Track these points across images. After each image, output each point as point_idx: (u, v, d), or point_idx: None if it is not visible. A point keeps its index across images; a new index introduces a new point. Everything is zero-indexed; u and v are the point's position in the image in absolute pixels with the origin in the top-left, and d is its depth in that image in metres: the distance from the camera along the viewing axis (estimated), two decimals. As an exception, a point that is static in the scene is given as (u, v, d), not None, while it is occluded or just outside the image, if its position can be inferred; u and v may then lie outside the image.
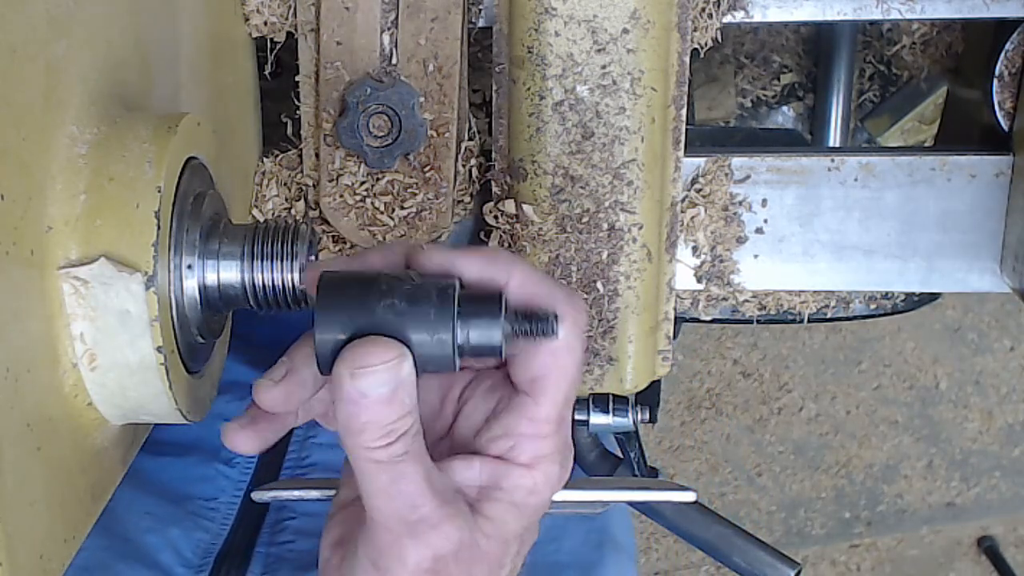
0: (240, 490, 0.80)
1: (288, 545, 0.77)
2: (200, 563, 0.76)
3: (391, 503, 0.46)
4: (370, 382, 0.45)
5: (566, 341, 0.48)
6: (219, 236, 0.52)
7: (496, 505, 0.49)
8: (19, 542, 0.42)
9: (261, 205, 0.75)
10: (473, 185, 0.76)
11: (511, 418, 0.49)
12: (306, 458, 0.82)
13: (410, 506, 0.46)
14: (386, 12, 0.69)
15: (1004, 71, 0.77)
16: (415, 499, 0.46)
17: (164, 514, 0.77)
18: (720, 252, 0.77)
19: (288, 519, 0.78)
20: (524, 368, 0.49)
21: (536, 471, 0.49)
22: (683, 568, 2.17)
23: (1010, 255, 0.75)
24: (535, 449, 0.49)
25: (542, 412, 0.49)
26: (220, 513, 0.79)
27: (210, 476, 0.81)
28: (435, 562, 0.47)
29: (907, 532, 2.18)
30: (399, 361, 0.45)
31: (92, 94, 0.49)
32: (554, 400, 0.49)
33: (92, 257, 0.46)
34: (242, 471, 0.81)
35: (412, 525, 0.46)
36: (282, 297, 0.52)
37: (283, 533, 0.78)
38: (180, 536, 0.77)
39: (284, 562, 0.76)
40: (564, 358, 0.49)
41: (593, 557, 0.84)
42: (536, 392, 0.49)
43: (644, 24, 0.66)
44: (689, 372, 2.10)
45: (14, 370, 0.42)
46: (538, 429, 0.49)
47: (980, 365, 2.11)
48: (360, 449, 0.46)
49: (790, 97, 1.29)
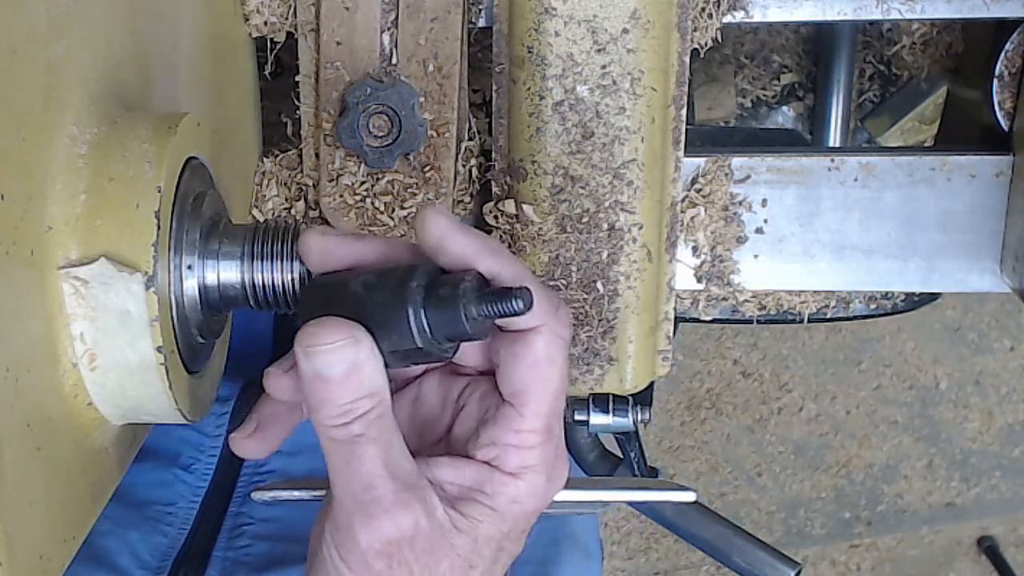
0: (198, 496, 0.81)
1: (246, 549, 0.78)
2: (158, 566, 0.77)
3: (347, 482, 0.47)
4: (323, 361, 0.46)
5: (545, 352, 0.48)
6: (219, 236, 0.52)
7: (474, 506, 0.49)
8: (19, 542, 0.42)
9: (261, 205, 0.75)
10: (473, 185, 0.76)
11: (497, 428, 0.49)
12: (264, 465, 0.83)
13: (363, 486, 0.47)
14: (386, 12, 0.69)
15: (1004, 71, 0.77)
16: (370, 480, 0.47)
17: (122, 518, 0.78)
18: (720, 252, 0.77)
19: (246, 524, 0.79)
20: (507, 380, 0.49)
21: (520, 481, 0.49)
22: (683, 568, 2.17)
23: (1010, 255, 0.75)
24: (520, 459, 0.49)
25: (526, 424, 0.49)
26: (178, 518, 0.80)
27: (168, 481, 0.81)
28: (387, 545, 0.47)
29: (907, 532, 2.18)
30: (352, 342, 0.46)
31: (92, 94, 0.49)
32: (537, 412, 0.49)
33: (92, 257, 0.46)
34: (200, 477, 0.82)
35: (364, 505, 0.47)
36: (282, 297, 0.52)
37: (241, 538, 0.78)
38: (139, 540, 0.77)
39: (241, 565, 0.77)
40: (543, 370, 0.49)
41: (549, 553, 0.84)
42: (519, 403, 0.49)
43: (644, 24, 0.66)
44: (689, 372, 2.10)
45: (14, 370, 0.42)
46: (522, 440, 0.49)
47: (980, 365, 2.11)
48: (319, 426, 0.47)
49: (790, 97, 1.29)
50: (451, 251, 0.48)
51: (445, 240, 0.48)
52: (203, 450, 0.83)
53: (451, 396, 0.53)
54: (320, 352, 0.46)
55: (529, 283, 0.47)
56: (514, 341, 0.49)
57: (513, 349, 0.49)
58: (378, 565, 0.47)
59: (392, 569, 0.48)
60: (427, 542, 0.48)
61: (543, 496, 0.51)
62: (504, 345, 0.49)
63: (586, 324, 0.70)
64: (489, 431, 0.50)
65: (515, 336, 0.49)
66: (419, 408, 0.54)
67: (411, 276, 0.47)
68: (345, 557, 0.48)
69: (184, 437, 0.83)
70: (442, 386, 0.54)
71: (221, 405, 0.85)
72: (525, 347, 0.48)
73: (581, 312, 0.70)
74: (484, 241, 0.48)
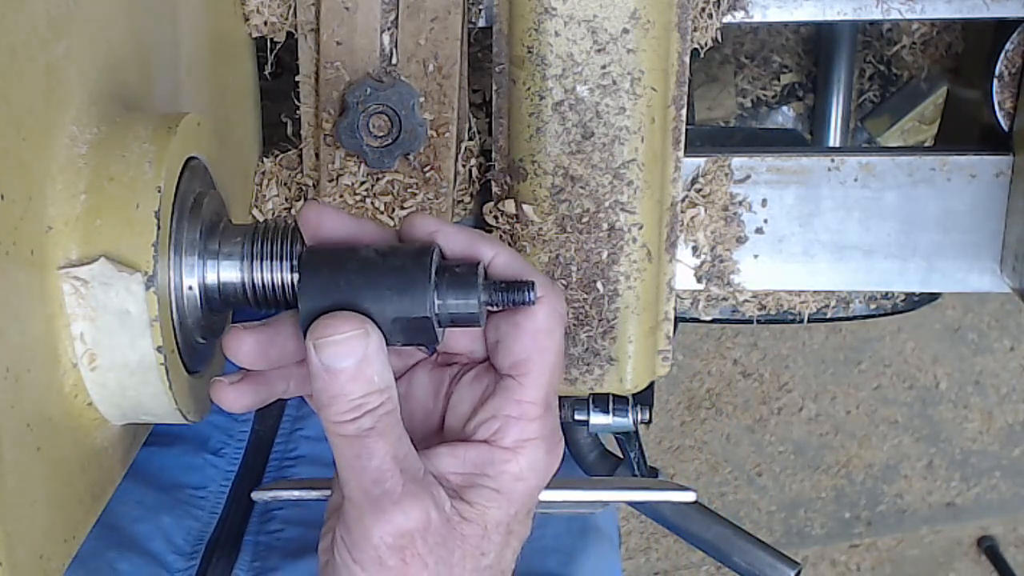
0: (228, 480, 0.81)
1: (277, 534, 0.78)
2: (191, 550, 0.77)
3: (357, 477, 0.47)
4: (333, 353, 0.46)
5: (545, 324, 0.50)
6: (219, 236, 0.52)
7: (480, 491, 0.50)
8: (19, 542, 0.42)
9: (261, 205, 0.75)
10: (473, 185, 0.76)
11: (497, 400, 0.50)
12: (293, 450, 0.83)
13: (373, 481, 0.47)
14: (386, 12, 0.69)
15: (1004, 71, 0.77)
16: (380, 474, 0.47)
17: (154, 503, 0.78)
18: (720, 252, 0.77)
19: (276, 508, 0.79)
20: (507, 353, 0.50)
21: (521, 455, 0.50)
22: (683, 568, 2.17)
23: (1010, 255, 0.75)
24: (520, 431, 0.50)
25: (528, 393, 0.50)
26: (209, 502, 0.80)
27: (198, 466, 0.81)
28: (399, 538, 0.47)
29: (907, 532, 2.18)
30: (363, 334, 0.46)
31: (92, 94, 0.49)
32: (538, 381, 0.50)
33: (92, 257, 0.45)
34: (230, 461, 0.82)
35: (375, 500, 0.47)
36: (282, 297, 0.52)
37: (272, 522, 0.79)
38: (171, 524, 0.78)
39: (273, 550, 0.77)
40: (544, 340, 0.50)
41: (577, 543, 0.85)
42: (520, 373, 0.50)
43: (644, 24, 0.66)
44: (689, 372, 2.10)
45: (14, 370, 0.42)
46: (524, 411, 0.50)
47: (980, 365, 2.11)
48: (328, 422, 0.47)
49: (790, 97, 1.29)
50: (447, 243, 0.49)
51: (439, 235, 0.49)
52: (232, 434, 0.83)
53: (441, 388, 0.54)
54: (330, 343, 0.46)
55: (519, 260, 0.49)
56: (515, 312, 0.50)
57: (515, 320, 0.50)
58: (391, 560, 0.47)
59: (406, 564, 0.48)
60: (438, 534, 0.48)
61: (544, 471, 0.51)
62: (504, 318, 0.50)
63: (586, 324, 0.70)
64: (489, 405, 0.50)
65: (516, 308, 0.50)
66: (410, 404, 0.54)
67: (429, 250, 0.48)
68: (358, 558, 0.48)
69: (213, 421, 0.83)
70: (431, 379, 0.54)
71: None
72: (527, 317, 0.50)
73: (581, 312, 0.70)
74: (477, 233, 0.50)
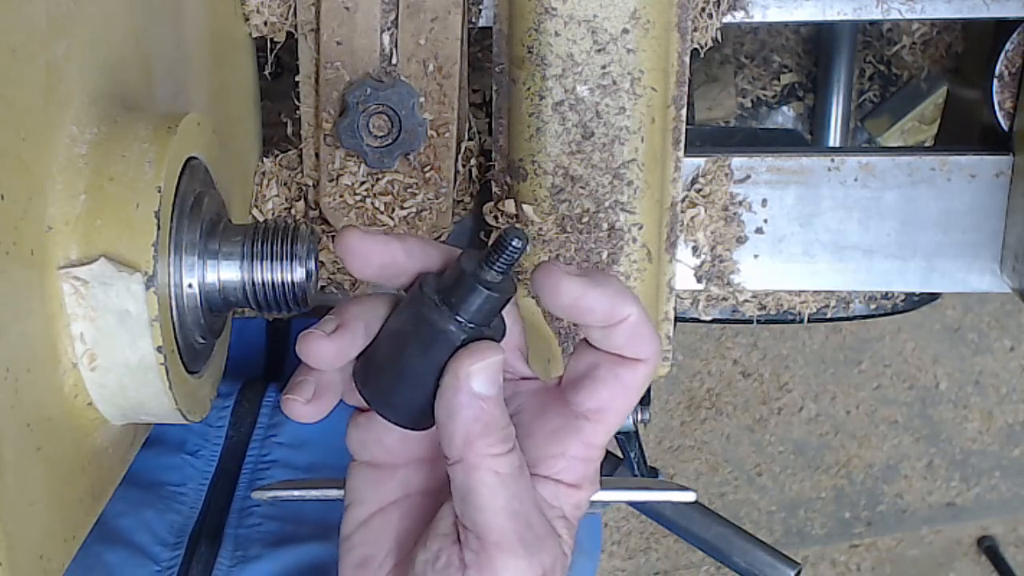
0: (206, 479, 0.83)
1: (256, 527, 0.80)
2: (175, 541, 0.79)
3: (511, 522, 0.46)
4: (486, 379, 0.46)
5: (641, 384, 0.50)
6: (219, 236, 0.52)
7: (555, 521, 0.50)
8: (19, 542, 0.42)
9: (261, 205, 0.75)
10: (473, 185, 0.76)
11: (568, 440, 0.50)
12: (267, 455, 0.84)
13: (527, 524, 0.47)
14: (386, 12, 0.69)
15: (1004, 71, 0.77)
16: (532, 516, 0.47)
17: (136, 499, 0.80)
18: (720, 252, 0.77)
19: (254, 505, 0.81)
20: (594, 396, 0.50)
21: (581, 492, 0.51)
22: (683, 568, 2.17)
23: (1010, 255, 0.75)
24: (583, 470, 0.50)
25: (599, 439, 0.50)
26: (189, 498, 0.82)
27: (177, 465, 0.83)
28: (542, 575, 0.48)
29: (907, 532, 2.18)
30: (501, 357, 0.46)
31: (92, 94, 0.49)
32: (608, 430, 0.51)
33: (92, 257, 0.45)
34: (207, 462, 0.84)
35: (529, 544, 0.46)
36: (282, 297, 0.52)
37: (251, 517, 0.80)
38: (154, 517, 0.79)
39: (254, 542, 0.79)
40: (632, 396, 0.50)
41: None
42: (598, 419, 0.50)
43: (644, 24, 0.66)
44: (689, 372, 2.10)
45: (14, 370, 0.42)
46: (589, 454, 0.50)
47: (980, 365, 2.12)
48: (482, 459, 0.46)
49: (790, 97, 1.29)
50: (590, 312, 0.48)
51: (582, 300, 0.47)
52: (208, 438, 0.85)
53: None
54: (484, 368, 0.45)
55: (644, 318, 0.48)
56: (620, 364, 0.50)
57: (617, 371, 0.50)
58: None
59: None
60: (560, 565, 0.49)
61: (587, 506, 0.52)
62: (606, 363, 0.50)
63: (586, 324, 0.70)
64: (557, 442, 0.50)
65: (623, 360, 0.50)
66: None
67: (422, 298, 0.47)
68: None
69: (188, 425, 0.85)
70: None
71: (223, 400, 0.87)
72: (631, 373, 0.49)
73: (581, 312, 0.70)
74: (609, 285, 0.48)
